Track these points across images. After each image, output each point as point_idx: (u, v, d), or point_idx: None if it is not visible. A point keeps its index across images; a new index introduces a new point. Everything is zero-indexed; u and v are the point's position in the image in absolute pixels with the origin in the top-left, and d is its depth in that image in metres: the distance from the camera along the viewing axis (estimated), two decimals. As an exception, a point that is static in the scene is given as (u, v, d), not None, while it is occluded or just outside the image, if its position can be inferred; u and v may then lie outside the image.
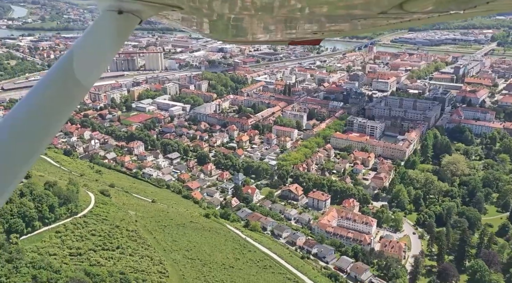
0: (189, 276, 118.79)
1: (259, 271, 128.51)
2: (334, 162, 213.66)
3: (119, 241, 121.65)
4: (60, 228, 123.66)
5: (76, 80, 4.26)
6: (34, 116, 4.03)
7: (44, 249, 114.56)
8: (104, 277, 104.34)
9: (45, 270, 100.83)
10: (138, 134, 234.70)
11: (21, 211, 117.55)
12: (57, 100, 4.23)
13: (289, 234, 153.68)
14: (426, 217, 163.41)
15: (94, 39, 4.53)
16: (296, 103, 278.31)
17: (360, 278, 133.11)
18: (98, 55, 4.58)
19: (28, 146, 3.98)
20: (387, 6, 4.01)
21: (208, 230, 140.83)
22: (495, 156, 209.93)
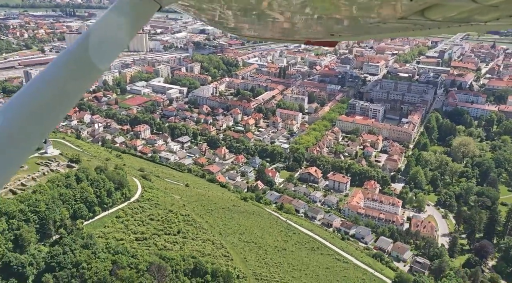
0: (250, 259, 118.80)
1: (309, 253, 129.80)
2: (343, 145, 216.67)
3: (177, 226, 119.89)
4: (120, 213, 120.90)
5: (91, 62, 4.26)
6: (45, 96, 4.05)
7: (110, 234, 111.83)
8: (178, 261, 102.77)
9: (123, 255, 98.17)
10: (143, 118, 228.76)
11: (83, 196, 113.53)
12: (70, 81, 4.24)
13: (324, 216, 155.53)
14: (447, 197, 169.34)
15: (112, 23, 4.51)
16: (294, 86, 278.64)
17: (402, 257, 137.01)
18: (115, 39, 4.54)
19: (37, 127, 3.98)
20: (408, 12, 3.97)
21: (252, 213, 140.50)
22: (495, 137, 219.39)
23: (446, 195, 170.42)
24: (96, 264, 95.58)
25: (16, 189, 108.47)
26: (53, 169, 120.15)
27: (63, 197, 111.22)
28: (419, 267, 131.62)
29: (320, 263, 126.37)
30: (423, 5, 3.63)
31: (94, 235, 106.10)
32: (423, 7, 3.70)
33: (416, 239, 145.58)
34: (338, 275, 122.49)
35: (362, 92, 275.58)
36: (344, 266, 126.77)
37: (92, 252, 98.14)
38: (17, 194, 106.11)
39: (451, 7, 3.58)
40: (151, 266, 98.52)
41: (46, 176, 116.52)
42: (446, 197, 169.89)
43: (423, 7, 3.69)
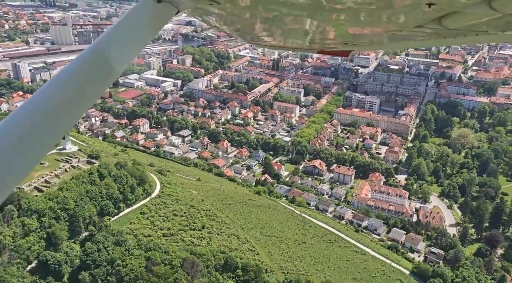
0: (275, 253, 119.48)
1: (327, 245, 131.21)
2: (343, 138, 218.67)
3: (201, 221, 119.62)
4: (144, 209, 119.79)
5: (109, 64, 4.31)
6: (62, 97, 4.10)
7: (137, 230, 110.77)
8: (209, 257, 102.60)
9: (156, 252, 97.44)
10: (140, 112, 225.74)
11: (108, 192, 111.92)
12: (87, 83, 4.28)
13: (335, 209, 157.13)
14: (450, 188, 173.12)
15: (131, 25, 4.58)
16: (289, 79, 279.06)
17: (416, 248, 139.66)
18: (133, 42, 4.62)
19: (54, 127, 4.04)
20: (425, 20, 3.95)
21: (268, 207, 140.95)
22: (489, 129, 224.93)
23: (450, 186, 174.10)
24: (130, 261, 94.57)
25: (41, 186, 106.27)
26: (74, 165, 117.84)
27: (90, 194, 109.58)
28: (434, 257, 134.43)
29: (340, 255, 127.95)
30: (440, 12, 3.58)
31: (123, 232, 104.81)
32: (441, 15, 3.65)
33: (426, 230, 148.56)
34: (358, 267, 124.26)
35: (356, 85, 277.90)
36: (363, 258, 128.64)
37: (125, 249, 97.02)
38: (43, 192, 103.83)
39: (469, 16, 3.53)
40: (184, 262, 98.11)
41: (69, 172, 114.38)
42: (450, 188, 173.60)
43: (441, 15, 3.64)
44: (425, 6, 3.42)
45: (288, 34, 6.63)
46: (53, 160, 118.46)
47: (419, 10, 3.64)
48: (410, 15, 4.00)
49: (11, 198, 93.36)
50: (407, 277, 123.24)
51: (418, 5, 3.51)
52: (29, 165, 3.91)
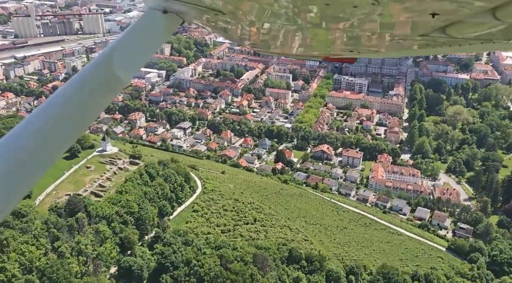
0: (325, 241, 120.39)
1: (365, 229, 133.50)
2: (340, 121, 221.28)
3: (251, 214, 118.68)
4: (195, 206, 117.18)
5: (115, 75, 4.42)
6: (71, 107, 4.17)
7: (197, 229, 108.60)
8: (274, 250, 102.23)
9: (227, 249, 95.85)
10: (134, 105, 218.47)
11: (164, 192, 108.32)
12: (95, 94, 4.36)
13: (356, 192, 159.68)
14: (456, 164, 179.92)
15: (137, 36, 4.73)
16: (275, 64, 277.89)
17: (443, 225, 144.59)
18: (139, 52, 4.76)
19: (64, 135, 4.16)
20: (429, 29, 4.00)
21: (300, 196, 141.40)
22: (474, 104, 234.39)
23: (455, 162, 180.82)
24: (205, 260, 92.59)
25: (97, 191, 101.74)
26: (121, 167, 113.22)
27: (147, 195, 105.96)
28: (463, 232, 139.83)
29: (380, 238, 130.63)
30: (445, 22, 3.63)
31: (188, 231, 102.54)
32: (445, 24, 3.70)
33: (447, 206, 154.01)
34: (400, 248, 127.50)
35: (340, 67, 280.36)
36: (400, 239, 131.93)
37: (197, 249, 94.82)
38: (101, 197, 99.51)
39: (474, 25, 3.57)
40: (256, 258, 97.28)
41: (118, 175, 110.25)
42: (456, 164, 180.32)
43: (445, 24, 3.69)
44: (429, 16, 3.39)
45: (293, 43, 6.64)
46: (97, 163, 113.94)
47: (423, 20, 3.66)
48: (414, 25, 4.02)
49: (79, 205, 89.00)
50: (446, 254, 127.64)
51: (422, 15, 3.48)
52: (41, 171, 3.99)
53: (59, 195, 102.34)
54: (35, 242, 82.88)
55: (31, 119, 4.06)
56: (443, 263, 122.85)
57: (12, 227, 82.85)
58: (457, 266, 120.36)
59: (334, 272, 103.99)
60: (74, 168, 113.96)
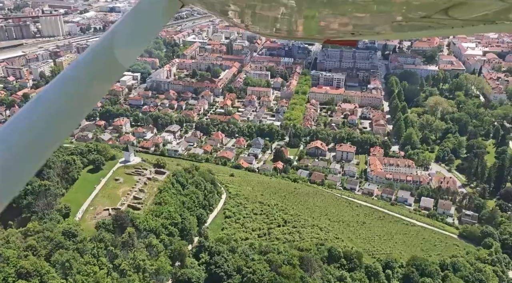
0: (352, 237, 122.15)
1: (382, 223, 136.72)
2: (325, 116, 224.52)
3: (280, 216, 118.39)
4: (226, 212, 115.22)
5: (115, 60, 4.40)
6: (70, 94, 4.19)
7: (235, 235, 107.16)
8: (314, 251, 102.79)
9: (273, 253, 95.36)
10: (117, 110, 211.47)
11: (199, 200, 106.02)
12: (95, 79, 4.37)
13: (359, 186, 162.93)
14: (445, 153, 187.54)
15: (136, 20, 4.69)
16: (251, 62, 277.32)
17: (449, 213, 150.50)
18: (139, 36, 4.74)
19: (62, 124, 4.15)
20: (431, 11, 3.92)
21: (315, 194, 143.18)
22: (447, 94, 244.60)
23: (443, 151, 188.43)
24: (256, 266, 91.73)
25: (134, 204, 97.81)
26: (150, 177, 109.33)
27: (185, 204, 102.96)
28: (469, 219, 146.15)
29: (397, 230, 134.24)
30: (447, 3, 3.66)
31: (231, 239, 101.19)
32: (448, 6, 3.72)
33: (447, 195, 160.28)
34: (417, 239, 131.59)
35: (315, 63, 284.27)
36: (415, 230, 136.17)
37: (245, 255, 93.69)
38: (140, 209, 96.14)
39: (477, 6, 3.62)
40: (303, 260, 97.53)
41: (149, 185, 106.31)
42: (444, 153, 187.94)
43: (448, 5, 3.71)
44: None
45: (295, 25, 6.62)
46: (123, 174, 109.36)
47: (425, 1, 3.77)
48: (417, 6, 4.08)
49: (126, 220, 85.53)
50: (460, 241, 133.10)
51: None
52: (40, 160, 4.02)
53: (98, 211, 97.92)
54: (96, 261, 78.82)
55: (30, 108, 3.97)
56: (460, 250, 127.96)
57: (67, 247, 78.39)
58: (474, 252, 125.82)
59: (373, 268, 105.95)
60: (103, 181, 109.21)
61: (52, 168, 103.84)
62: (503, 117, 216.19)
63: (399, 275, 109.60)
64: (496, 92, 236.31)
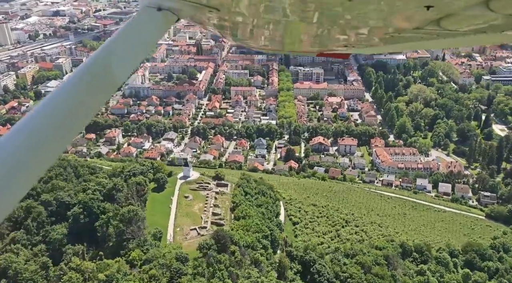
0: (405, 229, 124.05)
1: (418, 212, 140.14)
2: (314, 111, 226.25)
3: (337, 217, 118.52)
4: (293, 218, 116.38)
5: (112, 73, 4.48)
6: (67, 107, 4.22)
7: (310, 241, 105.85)
8: (389, 248, 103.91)
9: (362, 255, 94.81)
10: (105, 122, 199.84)
11: (273, 209, 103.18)
12: (92, 92, 4.41)
13: (377, 178, 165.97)
14: (440, 138, 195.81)
15: (132, 33, 4.78)
16: (226, 62, 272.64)
17: (467, 196, 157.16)
18: (134, 50, 4.81)
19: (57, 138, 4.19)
20: (424, 22, 3.95)
21: (349, 191, 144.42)
22: (420, 81, 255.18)
23: (438, 137, 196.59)
24: (351, 270, 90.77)
25: (216, 220, 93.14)
26: (217, 191, 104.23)
27: (265, 215, 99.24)
28: (488, 200, 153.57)
29: (434, 218, 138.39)
30: (439, 14, 3.66)
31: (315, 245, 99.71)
32: (439, 17, 3.73)
33: (459, 178, 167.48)
34: (455, 224, 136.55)
35: (289, 58, 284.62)
36: (448, 216, 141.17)
37: (337, 260, 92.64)
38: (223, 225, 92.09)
39: (468, 17, 3.62)
40: (388, 258, 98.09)
41: (219, 199, 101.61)
42: (439, 138, 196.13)
43: (439, 16, 3.72)
44: (424, 9, 3.50)
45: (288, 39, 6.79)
46: (188, 190, 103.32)
47: (417, 13, 3.78)
48: (408, 18, 4.12)
49: (225, 238, 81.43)
50: (491, 222, 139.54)
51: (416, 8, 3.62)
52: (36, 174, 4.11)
53: (186, 232, 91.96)
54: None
55: (27, 121, 4.06)
56: (495, 231, 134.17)
57: (185, 273, 72.93)
58: (509, 231, 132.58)
59: (442, 258, 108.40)
60: (174, 200, 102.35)
61: (121, 191, 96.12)
62: (478, 100, 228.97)
63: (461, 262, 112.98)
64: (464, 77, 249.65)
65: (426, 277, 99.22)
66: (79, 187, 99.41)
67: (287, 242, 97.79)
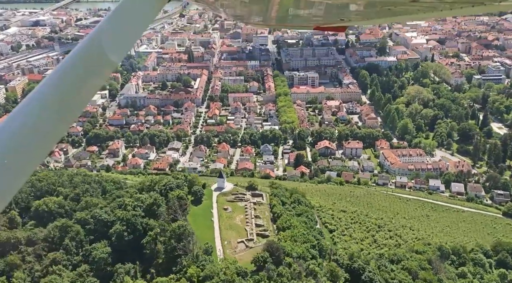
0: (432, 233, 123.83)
1: (440, 213, 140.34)
2: (314, 115, 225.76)
3: (369, 222, 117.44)
4: (328, 226, 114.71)
5: (105, 55, 4.39)
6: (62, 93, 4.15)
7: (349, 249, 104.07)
8: (428, 251, 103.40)
9: (407, 261, 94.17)
10: (106, 134, 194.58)
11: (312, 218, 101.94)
12: (86, 76, 4.35)
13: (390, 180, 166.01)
14: (443, 138, 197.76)
15: (124, 15, 4.70)
16: (220, 68, 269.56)
17: (480, 195, 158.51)
18: (128, 32, 4.73)
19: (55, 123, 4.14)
20: None
21: (369, 195, 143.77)
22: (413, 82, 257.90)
23: (440, 137, 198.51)
24: (400, 276, 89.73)
25: (261, 232, 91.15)
26: (254, 202, 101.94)
27: (307, 224, 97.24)
28: (502, 198, 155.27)
29: (456, 218, 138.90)
30: None
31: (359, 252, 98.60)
32: None
33: (469, 177, 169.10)
34: (477, 224, 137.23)
35: (281, 63, 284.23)
36: (468, 216, 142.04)
37: (384, 266, 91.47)
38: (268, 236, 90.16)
39: None
40: (430, 262, 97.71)
41: (258, 210, 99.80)
42: (442, 138, 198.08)
43: None
44: None
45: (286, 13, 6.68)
46: (225, 202, 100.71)
47: None
48: None
49: (279, 250, 79.18)
50: (510, 220, 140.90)
51: None
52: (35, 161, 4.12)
53: (234, 245, 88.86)
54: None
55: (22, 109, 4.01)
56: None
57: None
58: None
59: (478, 259, 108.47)
60: (215, 213, 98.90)
61: (161, 206, 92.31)
62: (474, 99, 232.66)
63: (494, 262, 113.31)
64: (456, 77, 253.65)
65: (469, 280, 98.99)
66: (115, 203, 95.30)
67: (332, 250, 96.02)
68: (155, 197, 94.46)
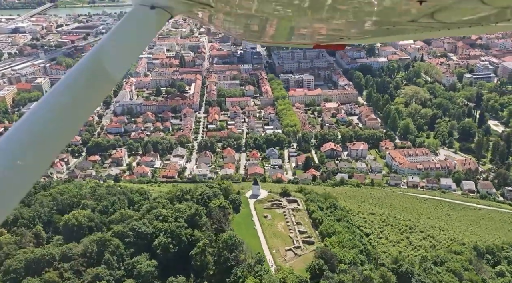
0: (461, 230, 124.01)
1: (459, 212, 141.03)
2: (314, 117, 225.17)
3: (400, 224, 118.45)
4: (364, 230, 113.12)
5: (106, 72, 4.40)
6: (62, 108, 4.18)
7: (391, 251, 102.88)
8: (465, 251, 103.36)
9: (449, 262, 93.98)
10: (107, 143, 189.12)
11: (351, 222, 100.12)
12: (86, 92, 4.36)
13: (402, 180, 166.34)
14: (445, 137, 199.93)
15: (126, 32, 4.75)
16: (213, 73, 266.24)
17: (491, 192, 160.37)
18: (129, 48, 4.76)
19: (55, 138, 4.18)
20: (418, 15, 3.97)
21: (388, 196, 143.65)
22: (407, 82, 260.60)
23: (442, 136, 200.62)
24: (446, 278, 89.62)
25: (307, 239, 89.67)
26: (292, 208, 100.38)
27: (349, 229, 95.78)
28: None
29: (475, 216, 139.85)
30: (433, 8, 3.66)
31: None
32: (433, 10, 3.73)
33: (477, 175, 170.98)
34: (495, 221, 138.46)
35: (275, 66, 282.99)
36: (485, 213, 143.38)
37: (430, 269, 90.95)
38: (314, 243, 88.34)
39: (461, 9, 3.63)
40: (471, 262, 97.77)
41: (297, 217, 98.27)
42: (444, 137, 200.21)
43: (433, 9, 3.71)
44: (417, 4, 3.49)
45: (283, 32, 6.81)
46: (263, 209, 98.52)
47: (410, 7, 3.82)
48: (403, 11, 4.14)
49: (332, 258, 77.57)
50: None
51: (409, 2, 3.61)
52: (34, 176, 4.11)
53: (282, 253, 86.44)
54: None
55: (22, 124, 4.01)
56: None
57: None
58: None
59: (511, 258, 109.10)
60: (256, 221, 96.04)
61: (202, 217, 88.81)
62: (468, 97, 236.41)
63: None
64: (448, 76, 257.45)
65: (508, 278, 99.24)
66: (151, 215, 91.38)
67: (378, 254, 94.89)
68: (196, 207, 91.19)
